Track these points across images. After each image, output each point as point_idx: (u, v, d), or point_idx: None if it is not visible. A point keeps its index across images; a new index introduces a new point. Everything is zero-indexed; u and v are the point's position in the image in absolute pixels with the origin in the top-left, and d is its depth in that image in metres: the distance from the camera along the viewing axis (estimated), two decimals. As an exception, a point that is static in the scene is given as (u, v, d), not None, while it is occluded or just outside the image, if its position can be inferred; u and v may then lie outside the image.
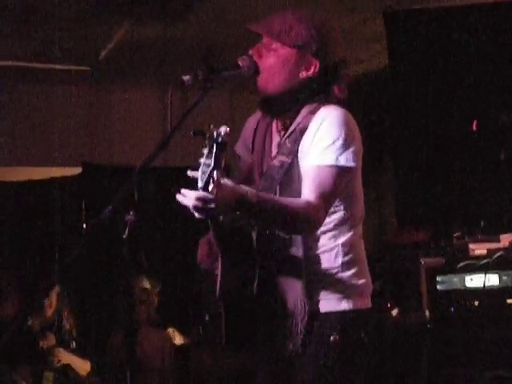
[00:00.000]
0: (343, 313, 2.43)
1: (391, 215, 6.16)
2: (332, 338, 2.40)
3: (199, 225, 2.32)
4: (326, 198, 2.34)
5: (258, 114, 2.63)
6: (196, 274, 2.57)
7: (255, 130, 2.60)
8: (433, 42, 5.47)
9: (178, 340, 5.65)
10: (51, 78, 6.77)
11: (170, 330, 5.64)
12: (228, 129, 2.10)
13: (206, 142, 2.07)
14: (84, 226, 6.16)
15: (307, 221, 2.33)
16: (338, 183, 2.38)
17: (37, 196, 6.76)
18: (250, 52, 2.49)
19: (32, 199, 6.75)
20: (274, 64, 2.47)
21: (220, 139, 2.05)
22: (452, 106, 5.36)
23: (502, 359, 3.92)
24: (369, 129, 2.53)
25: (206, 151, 2.07)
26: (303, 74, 2.48)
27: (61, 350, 5.27)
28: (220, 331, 2.40)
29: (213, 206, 2.12)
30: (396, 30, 5.64)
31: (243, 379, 4.98)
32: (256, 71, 2.47)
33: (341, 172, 2.38)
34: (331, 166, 2.36)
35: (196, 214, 2.16)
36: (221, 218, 2.29)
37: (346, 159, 2.38)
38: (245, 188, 2.23)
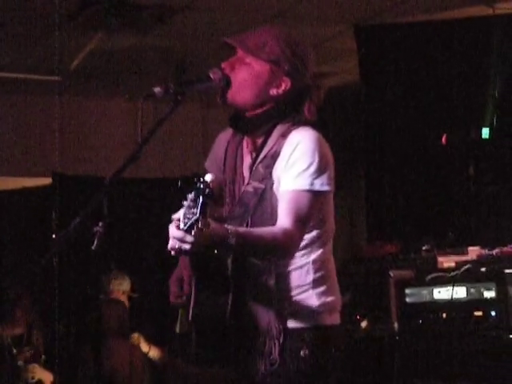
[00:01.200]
0: (313, 329, 2.45)
1: (362, 229, 6.20)
2: (302, 352, 2.42)
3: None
4: (302, 222, 2.37)
5: (228, 132, 2.63)
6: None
7: (226, 148, 2.60)
8: (404, 57, 5.53)
9: (142, 346, 5.59)
10: (22, 88, 6.74)
11: (135, 336, 5.58)
12: (214, 176, 2.11)
13: (193, 189, 2.08)
14: (53, 236, 6.12)
15: (285, 249, 2.38)
16: (313, 207, 2.40)
17: (7, 206, 6.72)
18: (223, 65, 2.50)
19: (2, 209, 6.70)
20: (245, 77, 2.48)
21: (207, 191, 2.06)
22: (422, 120, 5.42)
23: (468, 371, 3.95)
24: (340, 143, 2.55)
25: (191, 196, 2.07)
26: (274, 92, 2.49)
27: (36, 365, 5.22)
28: (190, 349, 2.42)
29: (187, 247, 2.12)
30: (367, 44, 5.69)
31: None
32: (227, 84, 2.48)
33: (316, 196, 2.40)
34: (306, 191, 2.39)
35: (172, 252, 2.17)
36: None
37: (320, 184, 2.40)
38: (224, 229, 2.22)
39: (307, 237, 2.45)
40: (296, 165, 2.40)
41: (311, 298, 2.46)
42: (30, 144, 6.90)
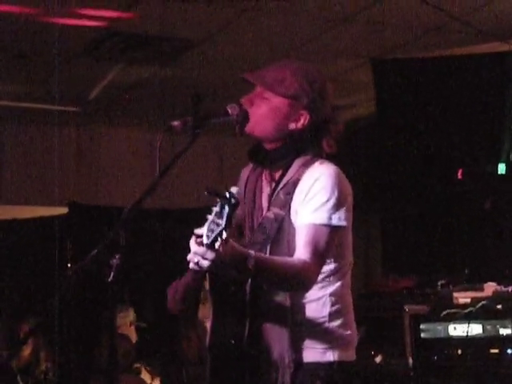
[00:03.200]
0: (328, 364, 2.43)
1: (377, 263, 6.18)
2: None
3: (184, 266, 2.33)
4: (320, 256, 2.39)
5: (250, 166, 2.65)
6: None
7: (246, 181, 2.62)
8: (420, 91, 5.54)
9: (145, 377, 5.49)
10: (40, 118, 6.80)
11: (137, 367, 5.48)
12: (239, 189, 2.14)
13: (218, 200, 2.09)
14: (69, 265, 6.14)
15: (303, 281, 2.38)
16: (331, 242, 2.42)
17: (22, 235, 6.74)
18: (242, 100, 2.51)
19: (17, 238, 6.73)
20: (264, 112, 2.50)
21: (233, 200, 2.07)
22: (438, 154, 5.42)
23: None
24: (355, 176, 2.56)
25: (216, 209, 2.09)
26: (292, 126, 2.51)
27: None
28: (204, 378, 2.41)
29: (207, 263, 2.13)
30: (383, 77, 5.71)
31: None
32: (245, 119, 2.50)
33: (333, 231, 2.42)
34: (324, 226, 2.40)
35: (191, 265, 2.18)
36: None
37: (338, 219, 2.42)
38: (244, 252, 2.23)
39: (325, 269, 2.45)
40: (315, 199, 2.42)
41: (327, 332, 2.44)
42: (47, 173, 6.94)
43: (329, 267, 2.47)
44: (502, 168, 4.99)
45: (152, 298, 6.65)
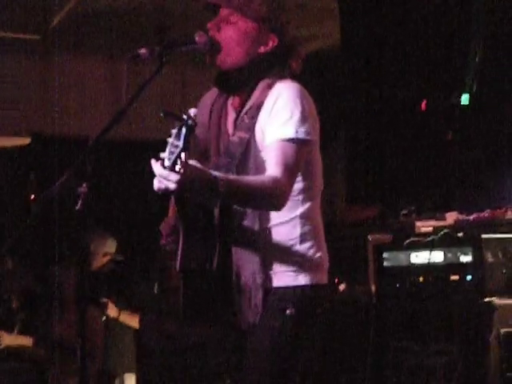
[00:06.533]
0: (300, 287, 2.47)
1: (340, 192, 6.23)
2: (288, 311, 2.44)
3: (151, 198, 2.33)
4: (290, 172, 2.38)
5: (213, 92, 2.63)
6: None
7: (211, 107, 2.60)
8: (385, 21, 5.52)
9: (111, 311, 5.39)
10: (0, 47, 6.65)
11: (104, 302, 5.41)
12: (196, 110, 2.13)
13: (176, 123, 2.08)
14: (32, 197, 6.09)
15: (275, 198, 2.38)
16: (300, 156, 2.42)
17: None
18: (208, 25, 2.48)
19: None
20: (233, 37, 2.47)
21: (190, 121, 2.06)
22: (402, 85, 5.43)
23: (444, 333, 4.01)
24: (320, 106, 2.58)
25: (174, 131, 2.08)
26: (261, 49, 2.50)
27: (4, 333, 5.13)
28: (177, 305, 2.43)
29: (173, 186, 2.12)
30: (348, 7, 5.67)
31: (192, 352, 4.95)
32: (213, 46, 2.47)
33: (301, 145, 2.42)
34: (292, 140, 2.40)
35: (156, 188, 2.18)
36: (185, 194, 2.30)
37: (304, 132, 2.42)
38: (213, 172, 2.24)
39: (294, 188, 2.45)
40: (279, 115, 2.42)
41: (297, 254, 2.47)
42: (8, 103, 6.83)
43: (298, 186, 2.47)
44: (465, 99, 5.02)
45: (134, 230, 6.56)
